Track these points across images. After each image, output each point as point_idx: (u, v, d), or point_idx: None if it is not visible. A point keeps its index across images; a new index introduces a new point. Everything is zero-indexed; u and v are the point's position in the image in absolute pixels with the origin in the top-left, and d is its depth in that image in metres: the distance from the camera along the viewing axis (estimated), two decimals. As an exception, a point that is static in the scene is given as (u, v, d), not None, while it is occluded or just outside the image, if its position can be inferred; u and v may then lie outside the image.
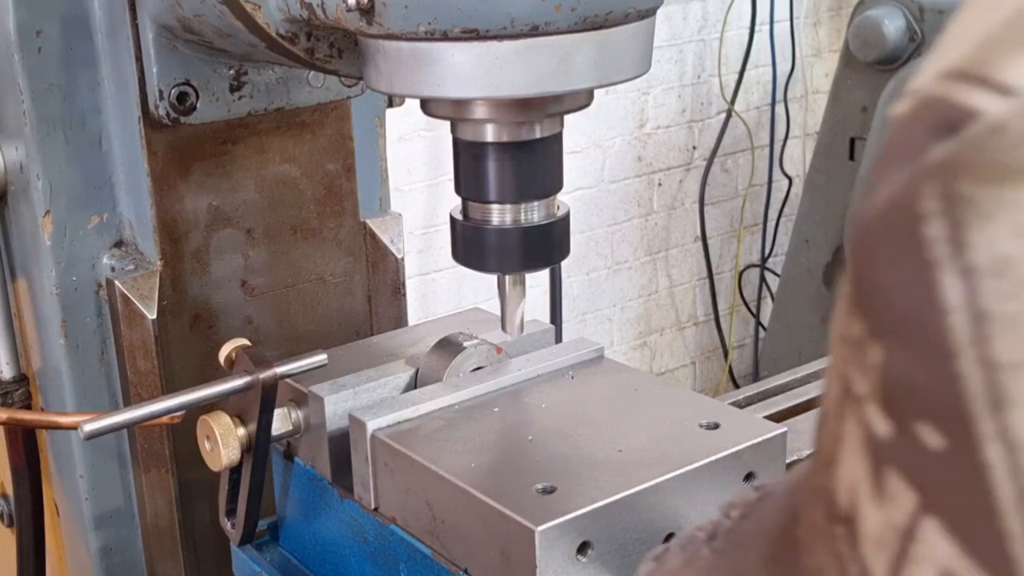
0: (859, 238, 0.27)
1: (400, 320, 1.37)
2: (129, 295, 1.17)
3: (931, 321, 0.25)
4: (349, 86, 1.21)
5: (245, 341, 1.05)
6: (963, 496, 0.25)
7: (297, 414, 1.05)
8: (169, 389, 1.17)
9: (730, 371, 3.79)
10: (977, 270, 0.24)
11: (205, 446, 1.05)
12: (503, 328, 0.99)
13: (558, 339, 1.15)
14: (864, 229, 0.27)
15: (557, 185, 0.93)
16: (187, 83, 1.12)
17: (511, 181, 0.91)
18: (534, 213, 0.92)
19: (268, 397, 1.01)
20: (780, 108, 3.62)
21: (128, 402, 1.20)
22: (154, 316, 1.18)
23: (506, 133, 0.89)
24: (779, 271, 3.51)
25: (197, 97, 1.12)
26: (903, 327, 0.26)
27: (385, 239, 1.33)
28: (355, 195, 1.31)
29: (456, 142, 0.92)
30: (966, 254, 0.24)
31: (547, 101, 0.86)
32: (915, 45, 2.82)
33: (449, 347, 1.06)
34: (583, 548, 0.83)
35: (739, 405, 1.52)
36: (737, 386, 3.72)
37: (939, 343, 0.25)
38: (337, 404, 1.02)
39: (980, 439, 0.24)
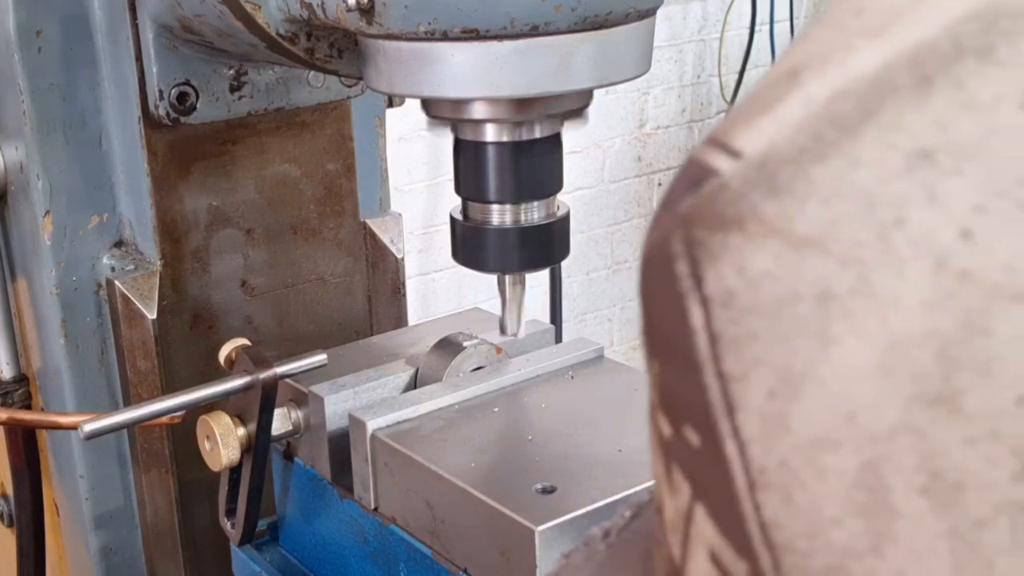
0: (640, 272, 0.33)
1: (400, 320, 1.37)
2: (129, 295, 1.17)
3: (683, 342, 0.30)
4: (349, 86, 1.21)
5: (245, 341, 1.05)
6: (716, 486, 0.29)
7: (297, 414, 1.05)
8: (169, 389, 1.17)
9: (730, 371, 3.78)
10: (710, 300, 0.29)
11: (205, 446, 1.05)
12: (503, 328, 0.99)
13: (558, 339, 1.15)
14: (642, 264, 0.33)
15: (557, 185, 0.93)
16: (187, 83, 1.12)
17: (511, 181, 0.91)
18: (534, 213, 0.92)
19: (268, 397, 1.01)
20: (780, 108, 3.61)
21: (128, 402, 1.20)
22: (154, 316, 1.18)
23: (506, 133, 0.89)
24: (779, 271, 3.51)
25: (197, 97, 1.12)
26: (666, 347, 0.31)
27: (385, 239, 1.33)
28: (355, 195, 1.31)
29: (456, 142, 0.92)
30: (702, 287, 0.29)
31: (547, 101, 0.86)
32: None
33: (449, 347, 1.06)
34: (583, 548, 0.83)
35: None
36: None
37: (689, 359, 0.30)
38: (337, 404, 1.02)
39: (721, 438, 0.29)
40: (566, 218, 0.95)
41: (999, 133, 0.26)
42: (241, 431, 1.03)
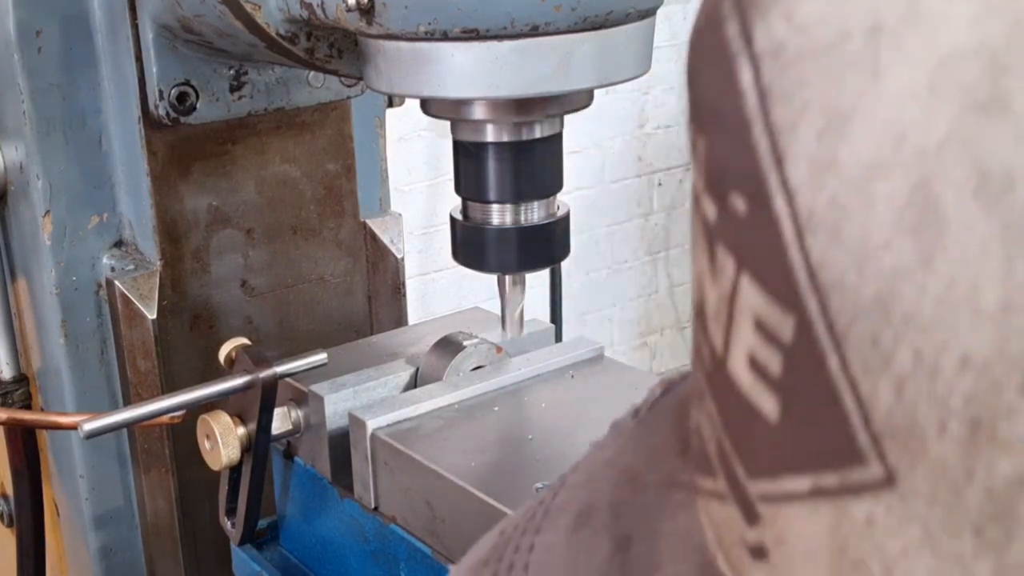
0: (688, 53, 0.33)
1: (400, 320, 1.37)
2: (129, 295, 1.17)
3: (732, 104, 0.30)
4: (349, 86, 1.21)
5: (245, 340, 1.05)
6: (762, 246, 0.29)
7: (297, 413, 1.05)
8: (169, 389, 1.17)
9: (730, 371, 3.78)
10: (760, 55, 0.29)
11: (205, 445, 1.05)
12: (503, 328, 0.99)
13: (558, 339, 1.15)
14: (690, 44, 0.33)
15: (557, 185, 0.93)
16: (187, 83, 1.12)
17: (511, 181, 0.91)
18: (534, 213, 0.92)
19: (268, 396, 1.01)
20: (780, 108, 3.62)
21: (128, 402, 1.20)
22: (154, 316, 1.18)
23: (506, 133, 0.89)
24: (779, 271, 3.51)
25: (197, 97, 1.12)
26: (714, 113, 0.31)
27: (385, 239, 1.34)
28: (355, 195, 1.31)
29: (456, 142, 0.92)
30: (752, 45, 0.30)
31: (547, 101, 0.86)
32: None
33: (449, 346, 1.06)
34: (583, 547, 0.83)
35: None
36: (737, 386, 3.71)
37: (738, 120, 0.30)
38: (337, 403, 1.02)
39: (769, 192, 0.29)
40: (566, 218, 0.95)
41: None
42: (241, 430, 1.03)
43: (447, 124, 0.92)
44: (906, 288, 0.27)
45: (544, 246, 0.94)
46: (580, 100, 0.89)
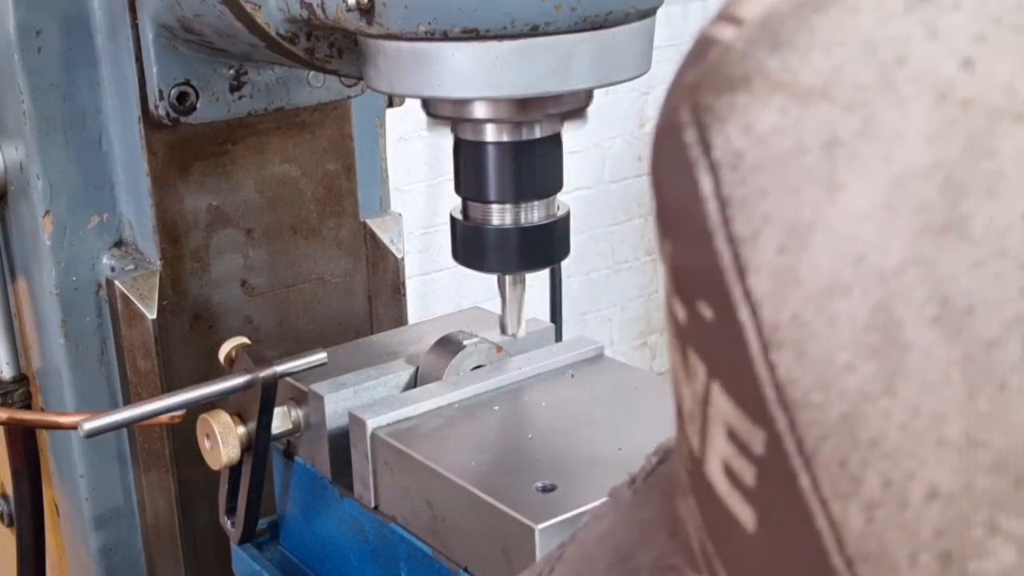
0: (651, 155, 0.33)
1: (400, 320, 1.37)
2: (129, 295, 1.17)
3: (694, 211, 0.30)
4: (349, 86, 1.21)
5: (245, 340, 1.05)
6: (730, 356, 0.29)
7: (297, 413, 1.05)
8: (169, 389, 1.16)
9: (730, 371, 3.78)
10: (719, 164, 0.29)
11: (205, 445, 1.05)
12: (503, 328, 0.99)
13: (558, 339, 1.16)
14: (652, 145, 0.33)
15: (557, 185, 0.94)
16: (187, 83, 1.12)
17: (511, 181, 0.91)
18: (534, 213, 0.92)
19: (268, 396, 1.01)
20: (779, 108, 3.61)
21: (128, 402, 1.20)
22: (154, 316, 1.18)
23: (506, 133, 0.89)
24: (779, 271, 3.51)
25: (197, 97, 1.12)
26: (678, 220, 0.31)
27: (385, 239, 1.34)
28: (355, 195, 1.31)
29: (456, 142, 0.92)
30: (711, 153, 0.30)
31: (547, 101, 0.86)
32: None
33: (449, 346, 1.06)
34: (583, 547, 0.83)
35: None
36: (737, 386, 3.71)
37: (700, 229, 0.30)
38: (337, 403, 1.02)
39: (734, 304, 0.29)
40: (566, 218, 0.95)
41: None
42: (241, 430, 1.03)
43: (446, 123, 0.92)
44: (871, 412, 0.26)
45: (544, 246, 0.94)
46: (579, 102, 0.89)
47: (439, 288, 3.07)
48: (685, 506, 0.35)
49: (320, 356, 1.05)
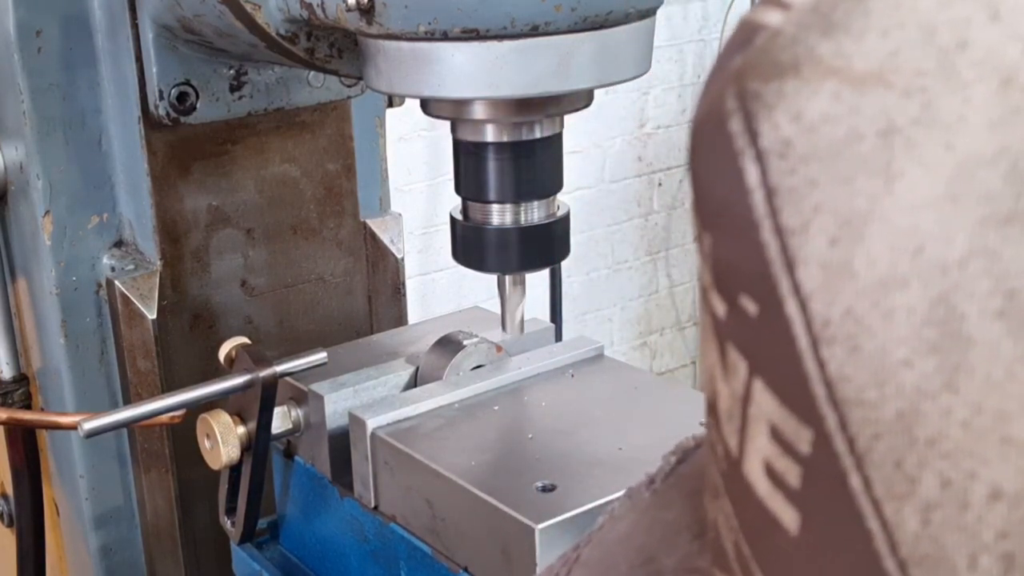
0: (690, 144, 0.32)
1: (400, 320, 1.37)
2: (129, 295, 1.17)
3: (738, 202, 0.29)
4: (349, 86, 1.21)
5: (245, 339, 1.05)
6: (775, 352, 0.28)
7: (297, 412, 1.05)
8: (169, 389, 1.16)
9: (730, 371, 3.78)
10: (766, 153, 0.28)
11: (205, 444, 1.05)
12: (503, 328, 0.99)
13: (558, 339, 1.15)
14: (692, 135, 0.32)
15: (557, 185, 0.94)
16: (187, 83, 1.12)
17: (511, 181, 0.91)
18: (534, 213, 0.92)
19: (268, 395, 1.01)
20: (780, 108, 3.61)
21: (128, 402, 1.20)
22: (154, 316, 1.18)
23: (506, 133, 0.89)
24: (779, 271, 3.50)
25: (197, 97, 1.12)
26: (720, 211, 0.30)
27: (385, 239, 1.34)
28: (355, 195, 1.31)
29: (456, 142, 0.92)
30: (758, 141, 0.29)
31: (547, 101, 0.86)
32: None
33: (449, 345, 1.06)
34: (583, 547, 0.83)
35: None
36: (737, 386, 3.70)
37: (745, 220, 0.29)
38: (337, 402, 1.02)
39: (781, 298, 0.28)
40: (566, 218, 0.95)
41: None
42: (241, 429, 1.03)
43: (447, 123, 0.92)
44: (930, 410, 0.26)
45: (544, 246, 0.94)
46: (579, 102, 0.89)
47: (439, 288, 3.07)
48: (717, 507, 0.34)
49: (320, 356, 1.05)
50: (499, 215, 0.92)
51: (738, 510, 0.32)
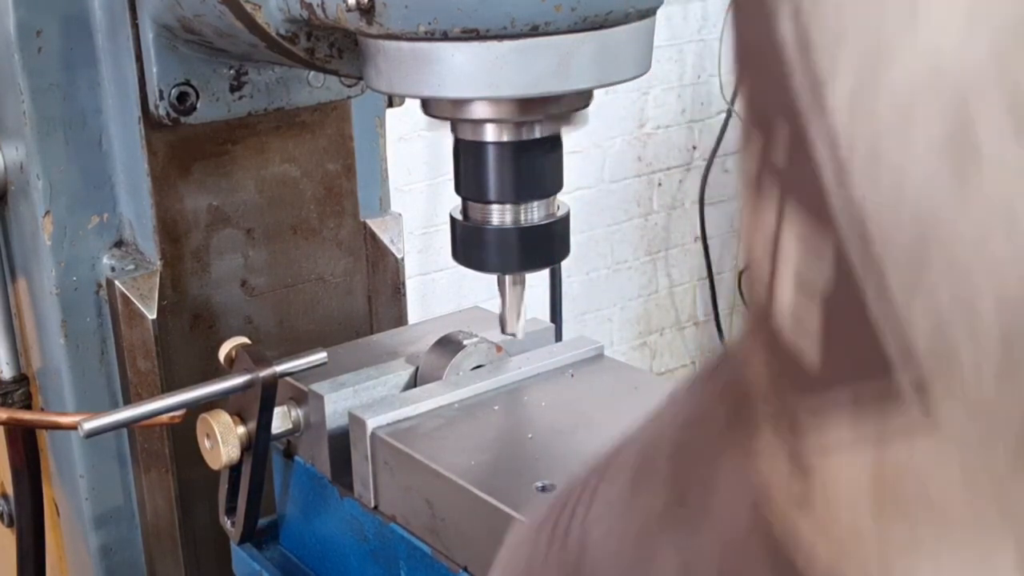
0: (732, 9, 0.35)
1: (400, 320, 1.37)
2: (129, 295, 1.17)
3: (772, 50, 0.31)
4: (349, 86, 1.21)
5: (245, 339, 1.05)
6: (804, 171, 0.30)
7: (297, 412, 1.05)
8: (169, 389, 1.17)
9: (730, 371, 3.78)
10: (799, 7, 0.30)
11: (205, 444, 1.05)
12: (503, 328, 0.99)
13: (558, 338, 1.16)
14: (733, 3, 0.35)
15: (557, 185, 0.94)
16: (187, 83, 1.12)
17: (511, 181, 0.91)
18: (534, 213, 0.93)
19: (268, 395, 1.01)
20: (780, 108, 3.61)
21: (128, 402, 1.20)
22: (154, 316, 1.18)
23: (506, 133, 0.89)
24: (779, 271, 3.50)
25: (197, 97, 1.13)
26: (756, 60, 0.33)
27: (385, 239, 1.34)
28: (355, 195, 1.31)
29: (456, 142, 0.92)
30: None
31: (547, 101, 0.86)
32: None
33: (449, 345, 1.06)
34: (583, 547, 0.83)
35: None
36: (737, 386, 3.70)
37: (779, 65, 0.31)
38: (337, 402, 1.02)
39: (808, 117, 0.30)
40: (566, 218, 0.95)
41: None
42: (241, 429, 1.03)
43: (447, 123, 0.92)
44: (944, 211, 0.27)
45: (544, 246, 0.94)
46: (579, 102, 0.89)
47: (439, 288, 3.07)
48: (751, 363, 0.36)
49: (320, 356, 1.05)
50: (499, 215, 0.92)
51: (768, 350, 0.34)
